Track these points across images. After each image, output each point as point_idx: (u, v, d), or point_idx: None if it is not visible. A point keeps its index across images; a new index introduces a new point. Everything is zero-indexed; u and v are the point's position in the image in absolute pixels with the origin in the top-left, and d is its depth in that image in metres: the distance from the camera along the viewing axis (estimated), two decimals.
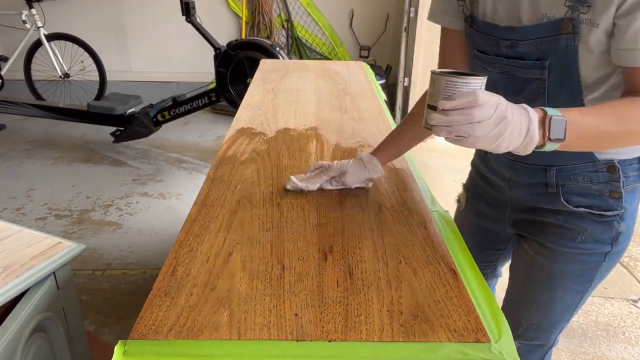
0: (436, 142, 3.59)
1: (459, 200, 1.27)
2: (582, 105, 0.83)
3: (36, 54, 4.31)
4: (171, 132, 4.02)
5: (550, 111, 0.67)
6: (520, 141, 0.66)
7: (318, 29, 4.55)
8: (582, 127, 0.70)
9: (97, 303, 2.00)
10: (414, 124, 1.07)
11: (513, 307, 1.10)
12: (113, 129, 3.57)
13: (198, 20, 3.43)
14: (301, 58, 4.54)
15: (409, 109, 4.33)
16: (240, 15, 4.45)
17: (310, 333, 0.65)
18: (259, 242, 0.85)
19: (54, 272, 1.02)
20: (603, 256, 0.94)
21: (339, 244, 0.85)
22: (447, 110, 0.65)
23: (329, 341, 0.64)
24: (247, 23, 4.49)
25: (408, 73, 3.83)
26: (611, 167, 0.87)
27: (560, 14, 0.77)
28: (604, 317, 2.03)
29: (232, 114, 1.67)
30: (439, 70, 0.71)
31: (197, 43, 4.08)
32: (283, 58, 3.25)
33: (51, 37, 4.25)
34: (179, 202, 2.89)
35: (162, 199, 2.92)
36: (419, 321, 0.67)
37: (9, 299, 0.91)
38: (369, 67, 2.33)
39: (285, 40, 4.59)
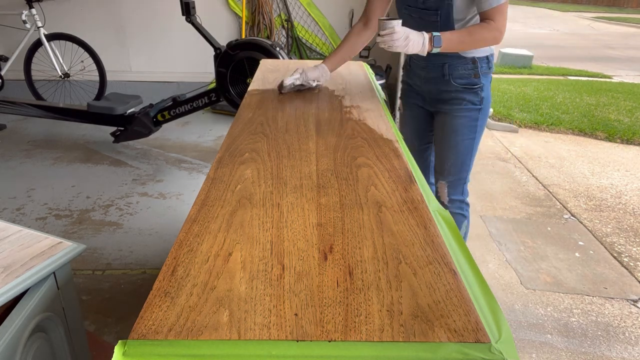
0: None
1: (399, 109, 1.99)
2: None
3: (36, 54, 4.31)
4: (171, 132, 4.02)
5: (435, 33, 1.46)
6: (419, 47, 1.45)
7: (318, 29, 4.56)
8: (451, 41, 1.48)
9: (97, 303, 2.00)
10: (350, 40, 1.85)
11: (439, 157, 1.80)
12: (113, 129, 3.57)
13: (198, 20, 3.43)
14: (301, 58, 4.54)
15: None
16: (240, 15, 4.45)
17: (310, 333, 0.65)
18: (259, 242, 0.85)
19: (54, 272, 1.02)
20: (477, 112, 1.68)
21: (339, 244, 0.85)
22: (382, 35, 1.42)
23: (329, 341, 0.63)
24: (247, 23, 4.49)
25: None
26: (473, 60, 1.62)
27: None
28: (604, 317, 2.03)
29: (232, 114, 1.66)
30: (381, 17, 1.50)
31: (197, 43, 4.08)
32: (283, 58, 3.25)
33: (51, 37, 4.25)
34: (179, 202, 2.89)
35: (162, 199, 2.92)
36: (419, 321, 0.67)
37: (9, 299, 0.91)
38: (369, 67, 2.33)
39: (285, 40, 4.59)
